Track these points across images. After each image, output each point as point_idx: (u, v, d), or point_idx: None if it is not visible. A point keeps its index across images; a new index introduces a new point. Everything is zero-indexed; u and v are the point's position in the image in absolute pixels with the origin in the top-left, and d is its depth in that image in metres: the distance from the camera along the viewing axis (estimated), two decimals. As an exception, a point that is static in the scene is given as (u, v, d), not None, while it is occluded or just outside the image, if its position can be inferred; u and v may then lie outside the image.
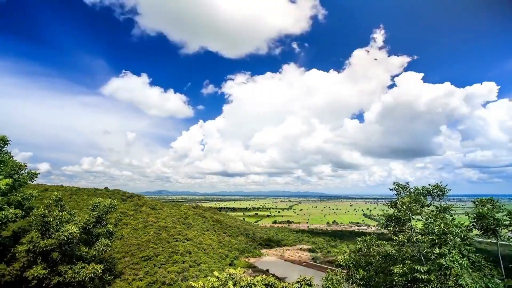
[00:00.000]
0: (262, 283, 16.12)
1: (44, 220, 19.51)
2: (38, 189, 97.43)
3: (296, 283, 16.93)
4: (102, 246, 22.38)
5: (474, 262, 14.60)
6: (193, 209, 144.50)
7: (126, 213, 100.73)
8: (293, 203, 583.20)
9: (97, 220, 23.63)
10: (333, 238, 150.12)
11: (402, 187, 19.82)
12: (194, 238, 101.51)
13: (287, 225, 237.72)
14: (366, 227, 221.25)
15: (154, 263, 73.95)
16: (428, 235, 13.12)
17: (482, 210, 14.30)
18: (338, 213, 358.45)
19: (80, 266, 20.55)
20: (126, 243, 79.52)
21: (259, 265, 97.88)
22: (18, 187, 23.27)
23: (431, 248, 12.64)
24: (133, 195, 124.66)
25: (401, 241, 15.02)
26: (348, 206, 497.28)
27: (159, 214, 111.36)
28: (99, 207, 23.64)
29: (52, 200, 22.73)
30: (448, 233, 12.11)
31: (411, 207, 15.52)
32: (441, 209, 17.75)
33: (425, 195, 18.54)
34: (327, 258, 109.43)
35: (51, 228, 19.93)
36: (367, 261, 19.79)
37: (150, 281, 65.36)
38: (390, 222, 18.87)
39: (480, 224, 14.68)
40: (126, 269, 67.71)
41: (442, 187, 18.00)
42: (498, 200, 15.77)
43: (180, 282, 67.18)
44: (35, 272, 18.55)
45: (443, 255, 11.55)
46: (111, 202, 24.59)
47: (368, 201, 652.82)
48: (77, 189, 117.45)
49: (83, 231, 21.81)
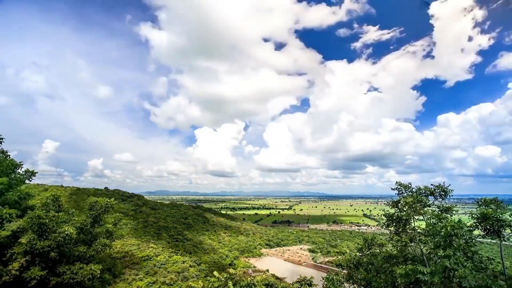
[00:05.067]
0: (262, 283, 15.95)
1: (40, 221, 19.24)
2: (38, 189, 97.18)
3: (296, 283, 16.76)
4: (101, 246, 22.11)
5: (477, 263, 14.38)
6: (193, 209, 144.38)
7: (126, 213, 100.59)
8: (293, 203, 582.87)
9: (94, 220, 23.33)
10: (333, 238, 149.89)
11: (404, 187, 19.58)
12: (194, 238, 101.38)
13: (287, 225, 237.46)
14: (366, 227, 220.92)
15: (154, 263, 73.74)
16: (433, 236, 12.87)
17: (486, 211, 14.07)
18: (338, 213, 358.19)
19: (78, 266, 20.31)
20: (126, 243, 79.30)
21: (259, 265, 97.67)
22: (14, 186, 23.04)
23: (435, 249, 12.41)
24: (133, 195, 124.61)
25: (404, 242, 14.78)
26: (348, 206, 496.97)
27: (159, 214, 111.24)
28: (96, 206, 23.33)
29: (49, 200, 22.48)
30: (454, 235, 11.86)
31: (415, 207, 15.26)
32: (443, 210, 17.53)
33: (427, 195, 18.30)
34: (327, 258, 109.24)
35: (48, 230, 19.66)
36: (369, 261, 19.58)
37: (150, 281, 65.13)
38: (391, 222, 18.66)
39: (484, 225, 14.46)
40: (126, 269, 67.48)
41: (445, 187, 17.77)
42: (502, 201, 15.54)
43: (180, 282, 66.97)
44: (33, 273, 18.31)
45: (447, 257, 11.32)
46: (107, 202, 24.21)
47: (368, 201, 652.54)
48: (77, 189, 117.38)
49: (81, 231, 21.52)
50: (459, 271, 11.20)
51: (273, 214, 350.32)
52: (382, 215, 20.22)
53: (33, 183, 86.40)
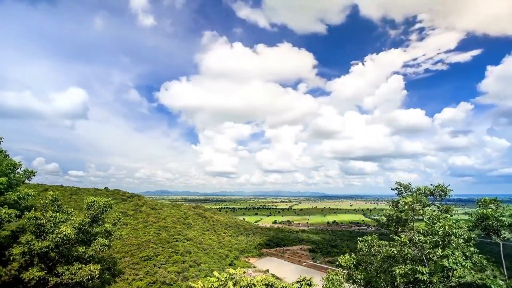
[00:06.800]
0: (262, 283, 15.88)
1: (37, 222, 19.11)
2: (38, 189, 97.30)
3: (296, 283, 16.70)
4: (100, 246, 22.00)
5: (476, 263, 14.35)
6: (193, 209, 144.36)
7: (126, 213, 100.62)
8: (293, 203, 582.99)
9: (93, 220, 23.18)
10: (333, 238, 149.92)
11: (404, 187, 19.55)
12: (194, 238, 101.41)
13: (287, 225, 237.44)
14: (366, 227, 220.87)
15: (154, 263, 73.81)
16: (431, 236, 12.87)
17: (486, 211, 14.06)
18: (338, 213, 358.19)
19: (77, 266, 20.24)
20: (126, 243, 79.36)
21: (259, 265, 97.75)
22: (14, 186, 22.93)
23: (434, 249, 12.41)
24: (133, 195, 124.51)
25: (403, 242, 14.77)
26: (348, 206, 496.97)
27: (159, 214, 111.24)
28: (94, 206, 23.17)
29: (48, 200, 22.37)
30: (451, 235, 11.86)
31: (414, 207, 15.25)
32: (443, 210, 17.51)
33: (427, 195, 18.27)
34: (327, 258, 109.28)
35: (46, 230, 19.55)
36: (368, 261, 19.56)
37: (150, 281, 65.23)
38: (391, 222, 18.64)
39: (484, 225, 14.44)
40: (126, 269, 67.54)
41: (444, 188, 17.74)
42: (502, 201, 15.51)
43: (180, 282, 67.05)
44: (31, 274, 18.25)
45: (446, 257, 11.32)
46: (105, 201, 24.01)
47: (368, 201, 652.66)
48: (77, 189, 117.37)
49: (79, 231, 21.41)
50: (458, 271, 11.19)
51: (273, 214, 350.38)
52: (382, 215, 20.20)
53: (32, 183, 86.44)
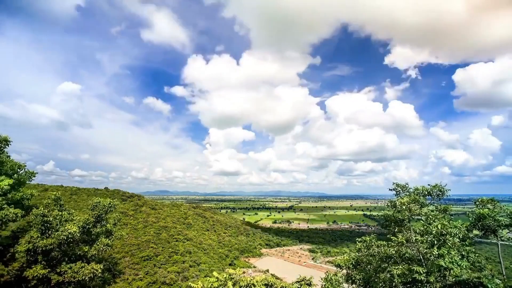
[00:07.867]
0: (262, 283, 16.04)
1: (44, 219, 19.51)
2: (38, 189, 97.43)
3: (296, 283, 16.87)
4: (102, 246, 22.38)
5: (474, 262, 14.53)
6: (193, 209, 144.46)
7: (126, 213, 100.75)
8: (294, 203, 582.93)
9: (96, 220, 23.64)
10: (333, 238, 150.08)
11: (402, 187, 19.73)
12: (194, 238, 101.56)
13: (287, 225, 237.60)
14: (366, 227, 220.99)
15: (154, 263, 73.96)
16: (427, 236, 13.06)
17: (483, 211, 14.22)
18: (338, 213, 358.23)
19: (79, 265, 20.53)
20: (126, 243, 79.49)
21: (259, 265, 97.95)
22: (18, 187, 23.33)
23: (430, 249, 12.59)
24: (133, 195, 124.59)
25: (400, 242, 14.96)
26: (348, 206, 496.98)
27: (159, 214, 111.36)
28: (99, 206, 23.68)
29: (51, 199, 22.72)
30: (446, 234, 12.04)
31: (410, 208, 15.44)
32: (441, 210, 17.67)
33: (425, 195, 18.44)
34: (327, 258, 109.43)
35: (51, 228, 19.93)
36: (367, 261, 19.74)
37: (150, 281, 65.37)
38: (389, 222, 18.81)
39: (481, 224, 14.60)
40: (126, 269, 67.69)
41: (442, 187, 17.90)
42: (499, 201, 15.67)
43: (180, 282, 67.21)
44: (35, 272, 18.52)
45: (442, 256, 11.50)
46: (110, 202, 24.59)
47: (368, 201, 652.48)
48: (77, 189, 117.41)
49: (83, 230, 21.78)
50: (455, 270, 11.38)
51: (273, 214, 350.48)
52: (381, 215, 20.37)
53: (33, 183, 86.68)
